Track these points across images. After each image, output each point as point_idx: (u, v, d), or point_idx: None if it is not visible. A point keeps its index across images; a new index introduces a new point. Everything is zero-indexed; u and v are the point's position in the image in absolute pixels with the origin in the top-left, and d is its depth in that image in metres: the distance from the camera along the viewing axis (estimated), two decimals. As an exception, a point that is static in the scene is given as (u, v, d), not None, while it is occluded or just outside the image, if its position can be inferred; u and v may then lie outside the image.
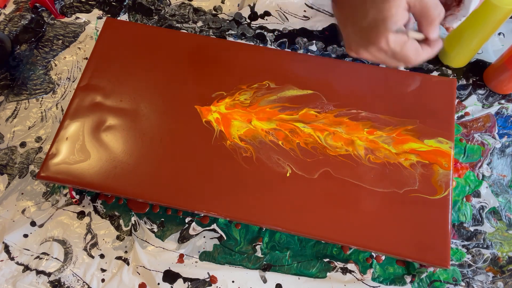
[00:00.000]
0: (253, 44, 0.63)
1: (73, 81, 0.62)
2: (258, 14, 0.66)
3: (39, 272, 0.51)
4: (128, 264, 0.51)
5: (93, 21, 0.66)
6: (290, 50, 0.63)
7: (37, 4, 0.67)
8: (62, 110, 0.60)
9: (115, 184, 0.49)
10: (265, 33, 0.65)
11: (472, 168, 0.56)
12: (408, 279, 0.50)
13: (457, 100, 0.60)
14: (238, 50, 0.56)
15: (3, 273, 0.51)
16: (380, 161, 0.49)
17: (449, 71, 0.62)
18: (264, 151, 0.50)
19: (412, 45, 0.38)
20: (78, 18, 0.66)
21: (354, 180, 0.48)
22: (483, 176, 0.55)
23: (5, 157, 0.57)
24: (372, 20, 0.37)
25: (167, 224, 0.53)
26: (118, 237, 0.53)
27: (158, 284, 0.50)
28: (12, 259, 0.51)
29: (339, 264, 0.51)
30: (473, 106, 0.59)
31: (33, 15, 0.66)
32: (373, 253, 0.51)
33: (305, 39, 0.64)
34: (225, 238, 0.52)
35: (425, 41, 0.40)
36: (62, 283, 0.50)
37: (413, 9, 0.37)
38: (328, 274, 0.51)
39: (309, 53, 0.63)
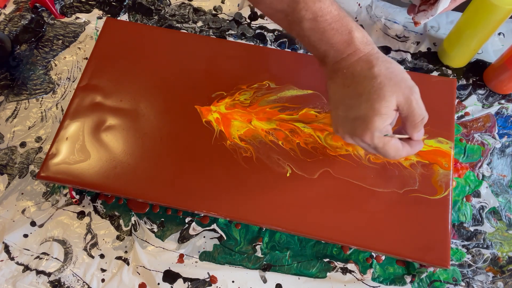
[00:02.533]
0: (253, 44, 0.63)
1: (73, 81, 0.62)
2: (258, 14, 0.66)
3: (39, 272, 0.51)
4: (128, 264, 0.51)
5: (93, 21, 0.66)
6: (290, 50, 0.63)
7: (37, 4, 0.67)
8: (62, 110, 0.60)
9: (115, 184, 0.49)
10: (265, 33, 0.65)
11: (472, 168, 0.55)
12: (408, 279, 0.50)
13: (457, 100, 0.60)
14: (238, 50, 0.56)
15: (3, 273, 0.51)
16: (380, 161, 0.49)
17: (449, 71, 0.62)
18: (264, 151, 0.50)
19: (394, 145, 0.40)
20: (78, 18, 0.66)
21: (354, 180, 0.48)
22: (483, 176, 0.55)
23: (5, 157, 0.57)
24: (363, 114, 0.39)
25: (167, 224, 0.53)
26: (118, 237, 0.53)
27: (158, 284, 0.50)
28: (12, 259, 0.51)
29: (339, 264, 0.51)
30: (473, 106, 0.59)
31: (33, 15, 0.66)
32: (373, 253, 0.51)
33: (305, 39, 0.64)
34: (225, 238, 0.52)
35: (407, 140, 0.42)
36: (62, 283, 0.50)
37: (401, 111, 0.39)
38: (328, 274, 0.51)
39: (309, 53, 0.63)
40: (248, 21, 0.66)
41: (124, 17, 0.67)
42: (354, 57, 0.40)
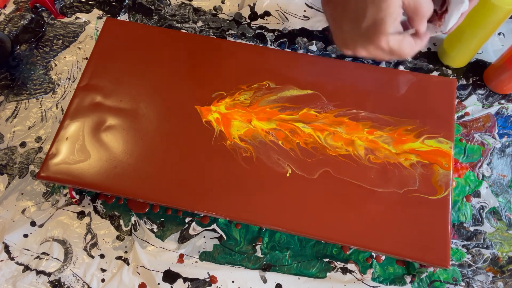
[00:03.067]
0: (253, 44, 0.63)
1: (73, 81, 0.62)
2: (258, 14, 0.66)
3: (39, 272, 0.51)
4: (128, 264, 0.51)
5: (93, 21, 0.66)
6: (290, 50, 0.63)
7: (37, 4, 0.67)
8: (62, 110, 0.60)
9: (115, 184, 0.49)
10: (265, 33, 0.65)
11: (472, 168, 0.56)
12: (408, 279, 0.50)
13: (457, 100, 0.60)
14: (238, 50, 0.56)
15: (3, 273, 0.51)
16: (380, 161, 0.49)
17: (449, 71, 0.62)
18: (264, 151, 0.50)
19: (408, 42, 0.39)
20: (78, 18, 0.66)
21: (354, 180, 0.48)
22: (483, 176, 0.55)
23: (5, 157, 0.57)
24: (371, 19, 0.37)
25: (167, 224, 0.53)
26: (118, 237, 0.53)
27: (158, 284, 0.50)
28: (12, 259, 0.51)
29: (339, 264, 0.51)
30: (473, 106, 0.59)
31: (33, 15, 0.66)
32: (373, 253, 0.51)
33: (305, 39, 0.64)
34: (225, 238, 0.52)
35: (414, 35, 0.41)
36: (62, 283, 0.50)
37: (407, 6, 0.38)
38: (328, 274, 0.51)
39: (309, 53, 0.63)
40: (248, 21, 0.66)
41: (124, 17, 0.67)
42: None
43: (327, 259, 0.51)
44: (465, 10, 0.40)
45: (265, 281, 0.50)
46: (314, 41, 0.64)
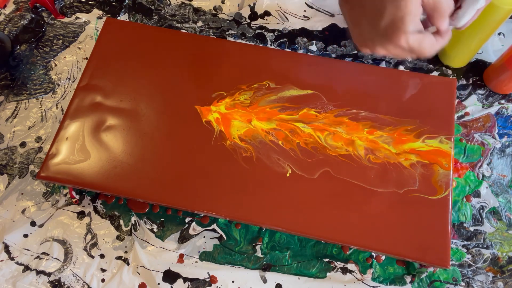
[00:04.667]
0: (253, 44, 0.63)
1: (73, 81, 0.62)
2: (258, 14, 0.66)
3: (39, 272, 0.51)
4: (128, 264, 0.51)
5: (93, 21, 0.66)
6: (290, 50, 0.63)
7: (37, 4, 0.67)
8: (62, 110, 0.60)
9: (115, 184, 0.49)
10: (265, 33, 0.65)
11: (472, 168, 0.56)
12: (408, 279, 0.50)
13: (457, 100, 0.60)
14: (238, 50, 0.56)
15: (3, 273, 0.51)
16: (380, 161, 0.49)
17: (449, 71, 0.62)
18: (264, 151, 0.50)
19: (429, 40, 0.39)
20: (78, 18, 0.66)
21: (354, 180, 0.48)
22: (483, 176, 0.55)
23: (5, 157, 0.57)
24: (390, 18, 0.37)
25: (167, 224, 0.53)
26: (118, 237, 0.53)
27: (158, 284, 0.50)
28: (12, 259, 0.51)
29: (339, 264, 0.51)
30: (473, 106, 0.59)
31: (33, 15, 0.66)
32: (373, 253, 0.51)
33: (305, 39, 0.64)
34: (225, 238, 0.52)
35: (435, 33, 0.40)
36: (62, 283, 0.50)
37: (426, 4, 0.38)
38: (328, 274, 0.51)
39: (309, 53, 0.63)
40: (248, 21, 0.66)
41: (124, 17, 0.67)
42: None
43: (327, 259, 0.51)
44: (481, 6, 0.40)
45: (265, 281, 0.50)
46: (314, 41, 0.64)
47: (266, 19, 0.66)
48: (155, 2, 0.68)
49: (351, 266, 0.51)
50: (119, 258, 0.52)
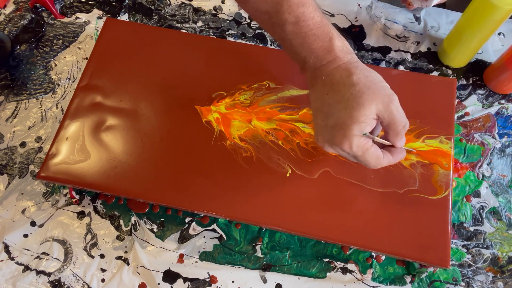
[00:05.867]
0: (253, 44, 0.63)
1: (73, 81, 0.62)
2: (258, 14, 0.66)
3: (39, 272, 0.51)
4: (128, 264, 0.51)
5: (93, 21, 0.66)
6: (290, 50, 0.63)
7: (37, 4, 0.67)
8: (62, 110, 0.60)
9: (115, 184, 0.49)
10: (265, 33, 0.65)
11: (472, 168, 0.55)
12: (408, 279, 0.50)
13: (457, 100, 0.60)
14: (238, 50, 0.56)
15: (3, 273, 0.51)
16: (380, 161, 0.49)
17: (449, 71, 0.62)
18: (264, 151, 0.50)
19: (374, 153, 0.39)
20: (78, 18, 0.66)
21: (354, 180, 0.48)
22: (483, 176, 0.55)
23: (5, 157, 0.57)
24: (341, 122, 0.38)
25: (167, 224, 0.53)
26: (118, 237, 0.53)
27: (158, 284, 0.50)
28: (12, 259, 0.51)
29: (339, 264, 0.51)
30: (473, 106, 0.59)
31: (33, 15, 0.66)
32: (373, 253, 0.51)
33: (305, 39, 0.64)
34: (225, 238, 0.52)
35: (390, 147, 0.41)
36: (62, 283, 0.50)
37: (382, 119, 0.39)
38: (328, 274, 0.51)
39: (309, 53, 0.63)
40: (248, 21, 0.66)
41: (124, 17, 0.67)
42: (333, 65, 0.40)
43: (327, 259, 0.51)
44: None
45: (265, 281, 0.50)
46: (314, 41, 0.64)
47: (266, 19, 0.66)
48: (155, 2, 0.68)
49: (351, 266, 0.51)
50: (119, 258, 0.52)
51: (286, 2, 0.39)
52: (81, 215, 0.54)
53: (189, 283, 0.50)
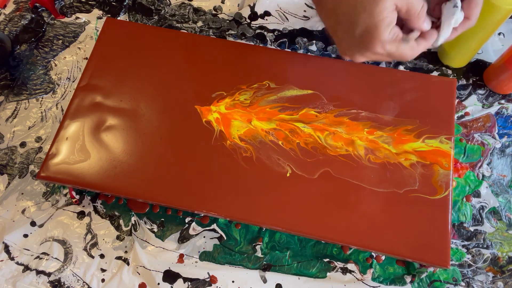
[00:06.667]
0: (253, 44, 0.63)
1: (73, 81, 0.62)
2: (258, 14, 0.66)
3: (39, 272, 0.51)
4: (128, 264, 0.51)
5: (93, 21, 0.66)
6: (290, 50, 0.63)
7: (37, 4, 0.67)
8: (62, 110, 0.60)
9: (115, 184, 0.49)
10: (265, 33, 0.65)
11: (472, 168, 0.56)
12: (408, 279, 0.50)
13: (457, 100, 0.60)
14: (238, 50, 0.56)
15: (3, 273, 0.51)
16: (380, 161, 0.49)
17: (449, 71, 0.62)
18: (264, 151, 0.50)
19: (406, 44, 0.38)
20: (78, 18, 0.66)
21: (354, 180, 0.48)
22: (483, 176, 0.55)
23: (5, 157, 0.57)
24: (365, 25, 0.37)
25: (167, 224, 0.53)
26: (118, 237, 0.53)
27: (158, 284, 0.50)
28: (12, 259, 0.51)
29: (339, 264, 0.51)
30: (473, 106, 0.59)
31: (33, 15, 0.66)
32: (373, 253, 0.51)
33: (305, 39, 0.64)
34: (225, 238, 0.52)
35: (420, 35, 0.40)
36: (62, 283, 0.50)
37: (400, 9, 0.37)
38: (328, 274, 0.51)
39: (309, 53, 0.63)
40: (248, 21, 0.66)
41: (124, 17, 0.67)
42: None
43: (327, 259, 0.51)
44: (456, 25, 0.40)
45: (265, 281, 0.50)
46: (314, 41, 0.64)
47: (266, 19, 0.66)
48: (155, 2, 0.68)
49: (351, 266, 0.51)
50: (119, 258, 0.52)
51: None
52: (81, 215, 0.54)
53: (189, 283, 0.50)
